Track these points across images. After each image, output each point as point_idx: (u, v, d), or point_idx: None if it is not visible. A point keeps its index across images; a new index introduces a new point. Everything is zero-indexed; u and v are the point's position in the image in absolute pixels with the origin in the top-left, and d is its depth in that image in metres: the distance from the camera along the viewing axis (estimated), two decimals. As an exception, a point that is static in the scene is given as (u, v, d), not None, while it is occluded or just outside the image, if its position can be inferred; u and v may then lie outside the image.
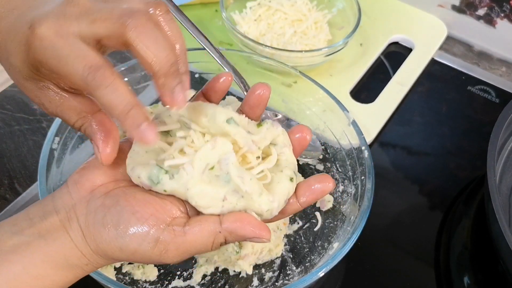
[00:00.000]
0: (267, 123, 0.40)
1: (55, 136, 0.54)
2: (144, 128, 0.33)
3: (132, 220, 0.35)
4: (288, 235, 0.59)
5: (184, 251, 0.36)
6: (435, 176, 0.69)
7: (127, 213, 0.35)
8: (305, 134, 0.41)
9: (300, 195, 0.39)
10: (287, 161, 0.40)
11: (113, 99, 0.33)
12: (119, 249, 0.35)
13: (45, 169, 0.51)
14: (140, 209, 0.36)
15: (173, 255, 0.36)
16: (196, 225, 0.36)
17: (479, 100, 0.78)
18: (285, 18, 0.78)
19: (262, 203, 0.37)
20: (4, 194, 0.63)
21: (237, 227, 0.36)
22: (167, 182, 0.36)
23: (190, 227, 0.36)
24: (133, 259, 0.36)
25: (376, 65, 0.81)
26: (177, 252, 0.36)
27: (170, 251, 0.35)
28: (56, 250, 0.35)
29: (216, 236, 0.36)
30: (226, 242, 0.37)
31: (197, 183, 0.36)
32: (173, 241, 0.35)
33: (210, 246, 0.36)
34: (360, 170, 0.56)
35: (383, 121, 0.73)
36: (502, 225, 0.50)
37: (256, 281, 0.56)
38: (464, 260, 0.62)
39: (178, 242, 0.35)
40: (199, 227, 0.36)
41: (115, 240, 0.35)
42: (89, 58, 0.33)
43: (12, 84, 0.74)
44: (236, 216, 0.36)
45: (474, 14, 0.84)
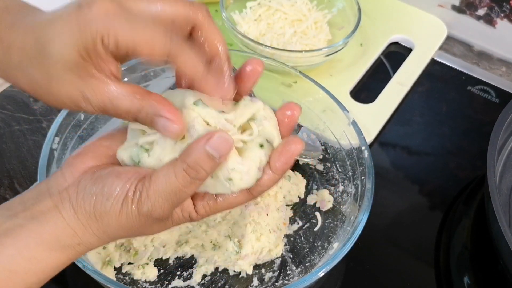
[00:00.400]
0: (245, 100, 0.40)
1: (55, 136, 0.54)
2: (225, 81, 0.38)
3: (110, 179, 0.36)
4: (288, 235, 0.59)
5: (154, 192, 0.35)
6: (435, 176, 0.69)
7: (112, 177, 0.36)
8: (293, 111, 0.40)
9: (273, 161, 0.38)
10: (263, 132, 0.39)
11: (196, 62, 0.36)
12: (107, 213, 0.36)
13: (45, 169, 0.51)
14: (122, 170, 0.37)
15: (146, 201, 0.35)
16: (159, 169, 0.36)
17: (479, 100, 0.78)
18: (285, 18, 0.78)
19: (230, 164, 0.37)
20: (4, 194, 0.63)
21: (188, 148, 0.36)
22: (146, 160, 0.37)
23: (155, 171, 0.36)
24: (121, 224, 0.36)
25: (376, 65, 0.81)
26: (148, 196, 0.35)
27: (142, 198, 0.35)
28: (49, 231, 0.36)
29: (174, 165, 0.35)
30: (191, 169, 0.35)
31: (168, 153, 0.37)
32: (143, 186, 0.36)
33: (173, 177, 0.35)
34: (360, 170, 0.56)
35: (383, 121, 0.73)
36: (502, 225, 0.50)
37: (256, 281, 0.56)
38: (464, 260, 0.62)
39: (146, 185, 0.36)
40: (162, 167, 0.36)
41: (102, 205, 0.36)
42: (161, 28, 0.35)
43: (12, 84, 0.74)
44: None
45: (474, 14, 0.84)
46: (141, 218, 0.36)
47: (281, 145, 0.39)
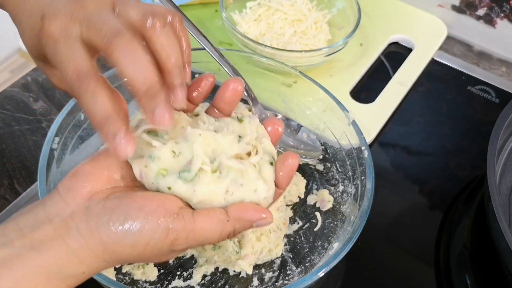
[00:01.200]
0: (247, 118, 0.41)
1: (55, 136, 0.54)
2: (119, 139, 0.34)
3: (141, 214, 0.35)
4: (288, 235, 0.59)
5: (193, 238, 0.36)
6: (435, 176, 0.69)
7: (134, 210, 0.35)
8: (277, 126, 0.43)
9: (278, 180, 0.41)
10: (265, 150, 0.41)
11: (92, 107, 0.34)
12: (131, 246, 0.35)
13: (45, 169, 0.51)
14: (146, 203, 0.36)
15: (183, 243, 0.36)
16: (204, 214, 0.37)
17: (479, 100, 0.78)
18: (285, 18, 0.78)
19: (259, 189, 0.39)
20: (4, 194, 0.63)
21: (242, 212, 0.37)
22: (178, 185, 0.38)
23: (199, 215, 0.36)
24: (143, 254, 0.36)
25: (376, 65, 0.81)
26: (187, 240, 0.36)
27: (180, 239, 0.35)
28: (49, 260, 0.34)
29: (224, 225, 0.37)
30: (234, 232, 0.37)
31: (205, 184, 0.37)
32: (184, 228, 0.35)
33: (218, 234, 0.37)
34: (360, 170, 0.56)
35: (383, 121, 0.73)
36: (502, 225, 0.50)
37: (256, 281, 0.56)
38: (464, 260, 0.62)
39: (188, 229, 0.36)
40: (208, 215, 0.36)
41: (125, 238, 0.35)
42: (79, 62, 0.35)
43: (12, 84, 0.74)
44: (239, 205, 0.38)
45: (474, 14, 0.84)
46: (167, 252, 0.36)
47: (281, 162, 0.41)
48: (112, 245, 0.35)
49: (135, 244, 0.35)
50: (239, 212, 0.37)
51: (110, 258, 0.36)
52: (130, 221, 0.35)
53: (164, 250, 0.36)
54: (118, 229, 0.35)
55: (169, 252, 0.37)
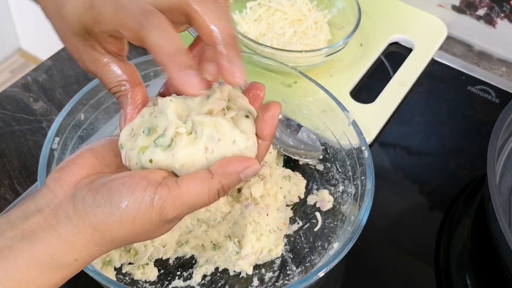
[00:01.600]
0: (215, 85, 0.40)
1: (55, 136, 0.54)
2: (191, 73, 0.34)
3: (123, 189, 0.35)
4: (288, 235, 0.59)
5: (182, 203, 0.35)
6: (435, 176, 0.69)
7: (117, 186, 0.35)
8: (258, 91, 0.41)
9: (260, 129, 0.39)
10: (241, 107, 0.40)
11: (163, 41, 0.34)
12: (119, 222, 0.35)
13: (45, 170, 0.51)
14: (128, 179, 0.36)
15: (171, 209, 0.35)
16: (187, 177, 0.36)
17: (479, 100, 0.78)
18: (285, 18, 0.78)
19: (237, 139, 0.38)
20: (4, 194, 0.63)
21: (225, 166, 0.36)
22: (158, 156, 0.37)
23: (182, 180, 0.36)
24: (134, 230, 0.35)
25: (376, 65, 0.81)
26: (174, 206, 0.35)
27: (168, 206, 0.35)
28: (41, 250, 0.34)
29: (209, 183, 0.36)
30: (223, 189, 0.36)
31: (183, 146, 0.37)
32: (169, 195, 0.35)
33: (206, 194, 0.36)
34: (360, 170, 0.56)
35: (383, 121, 0.73)
36: (502, 225, 0.50)
37: (256, 281, 0.56)
38: (464, 260, 0.62)
39: (174, 195, 0.35)
40: (191, 177, 0.36)
41: (112, 215, 0.35)
42: (145, 5, 0.35)
43: (12, 84, 0.74)
44: (221, 160, 0.37)
45: (474, 14, 0.84)
46: (159, 223, 0.36)
47: (261, 112, 0.39)
48: (101, 225, 0.35)
49: (123, 220, 0.35)
50: (222, 167, 0.36)
51: (102, 240, 0.35)
52: (114, 197, 0.35)
53: (154, 221, 0.35)
54: (103, 207, 0.35)
55: (162, 223, 0.36)
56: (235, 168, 0.36)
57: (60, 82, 0.74)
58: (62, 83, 0.74)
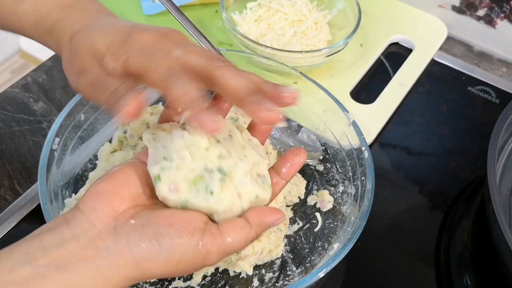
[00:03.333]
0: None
1: (55, 136, 0.54)
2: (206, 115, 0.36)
3: (171, 231, 0.36)
4: (288, 235, 0.59)
5: (223, 250, 0.37)
6: (436, 177, 0.69)
7: (164, 227, 0.36)
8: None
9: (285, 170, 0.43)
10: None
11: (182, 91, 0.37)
12: (164, 263, 0.36)
13: (45, 170, 0.51)
14: (174, 220, 0.37)
15: (215, 256, 0.37)
16: (228, 225, 0.38)
17: (479, 100, 0.78)
18: (285, 19, 0.78)
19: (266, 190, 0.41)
20: (4, 195, 0.63)
21: (262, 217, 0.39)
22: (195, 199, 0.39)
23: (224, 227, 0.38)
24: (176, 270, 0.37)
25: (376, 65, 0.81)
26: (218, 252, 0.37)
27: (212, 253, 0.37)
28: (76, 281, 0.34)
29: (248, 232, 0.38)
30: (256, 236, 0.39)
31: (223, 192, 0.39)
32: (214, 242, 0.37)
33: (244, 242, 0.38)
34: (360, 170, 0.56)
35: (383, 122, 0.73)
36: (502, 225, 0.50)
37: (256, 281, 0.56)
38: (465, 260, 0.62)
39: (218, 242, 0.37)
40: (232, 226, 0.38)
41: (159, 255, 0.35)
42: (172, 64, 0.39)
43: (12, 85, 0.74)
44: (255, 210, 0.39)
45: (474, 14, 0.84)
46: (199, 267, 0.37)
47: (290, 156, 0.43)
48: (145, 263, 0.35)
49: (169, 261, 0.36)
50: (259, 218, 0.39)
51: (139, 276, 0.36)
52: (162, 238, 0.35)
53: (197, 265, 0.37)
54: (150, 246, 0.35)
55: (202, 266, 0.38)
56: (269, 220, 0.39)
57: (60, 83, 0.74)
58: (62, 83, 0.74)
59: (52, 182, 0.52)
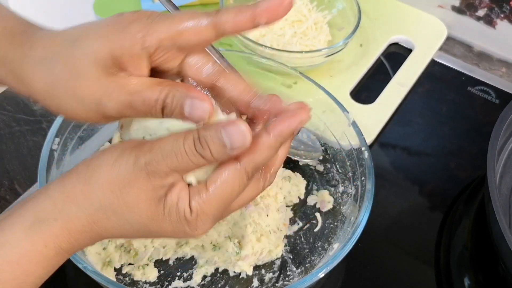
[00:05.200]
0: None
1: (55, 137, 0.54)
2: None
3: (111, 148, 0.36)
4: (288, 236, 0.59)
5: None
6: (435, 177, 0.69)
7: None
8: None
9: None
10: None
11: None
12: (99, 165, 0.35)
13: (45, 170, 0.51)
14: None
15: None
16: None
17: (479, 100, 0.78)
18: (285, 19, 0.78)
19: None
20: (4, 195, 0.63)
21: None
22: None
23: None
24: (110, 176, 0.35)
25: (376, 65, 0.81)
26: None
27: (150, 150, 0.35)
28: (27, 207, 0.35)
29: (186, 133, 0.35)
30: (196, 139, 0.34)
31: None
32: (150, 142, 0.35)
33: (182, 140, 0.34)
34: (360, 170, 0.56)
35: (383, 122, 0.73)
36: (502, 225, 0.50)
37: (256, 282, 0.56)
38: (464, 261, 0.62)
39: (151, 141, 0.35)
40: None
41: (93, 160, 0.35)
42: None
43: (12, 85, 0.74)
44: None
45: (474, 15, 0.84)
46: (135, 170, 0.34)
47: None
48: (83, 174, 0.35)
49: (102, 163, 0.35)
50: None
51: (81, 193, 0.34)
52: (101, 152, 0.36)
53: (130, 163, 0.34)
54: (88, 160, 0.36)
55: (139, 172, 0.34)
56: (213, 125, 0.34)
57: (60, 83, 0.74)
58: (62, 83, 0.74)
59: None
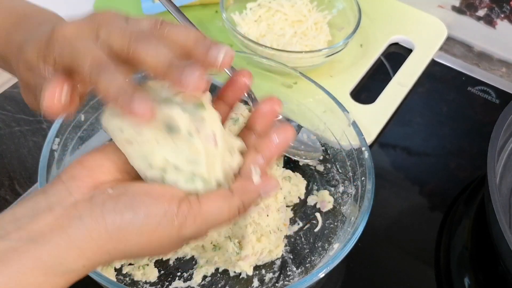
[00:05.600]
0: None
1: (55, 137, 0.54)
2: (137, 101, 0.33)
3: (147, 199, 0.34)
4: (288, 236, 0.59)
5: (201, 221, 0.35)
6: (436, 177, 0.69)
7: (140, 196, 0.34)
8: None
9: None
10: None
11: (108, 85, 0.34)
12: (137, 232, 0.34)
13: (45, 170, 0.51)
14: (153, 190, 0.35)
15: (191, 226, 0.35)
16: (209, 195, 0.36)
17: (479, 100, 0.78)
18: (285, 19, 0.78)
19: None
20: (4, 195, 0.63)
21: (245, 184, 0.37)
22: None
23: (204, 197, 0.36)
24: (151, 243, 0.35)
25: (376, 65, 0.81)
26: (195, 223, 0.35)
27: (188, 222, 0.35)
28: (48, 253, 0.32)
29: (230, 200, 0.36)
30: (243, 206, 0.37)
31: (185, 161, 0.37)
32: (191, 210, 0.35)
33: (226, 212, 0.36)
34: (360, 171, 0.56)
35: (383, 122, 0.73)
36: (502, 225, 0.50)
37: (257, 282, 0.56)
38: (464, 261, 0.62)
39: (195, 211, 0.35)
40: (212, 195, 0.36)
41: (132, 224, 0.33)
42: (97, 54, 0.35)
43: (12, 85, 0.74)
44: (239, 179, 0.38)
45: (474, 15, 0.84)
46: (176, 240, 0.35)
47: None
48: (118, 232, 0.33)
49: (143, 230, 0.34)
50: (242, 185, 0.37)
51: (114, 249, 0.34)
52: (137, 205, 0.34)
53: (172, 237, 0.35)
54: (124, 214, 0.33)
55: (178, 240, 0.35)
56: (256, 187, 0.37)
57: (60, 83, 0.74)
58: (62, 84, 0.74)
59: (52, 182, 0.52)
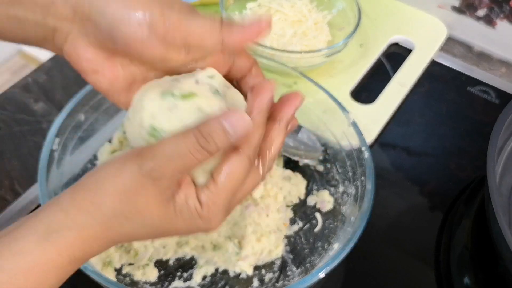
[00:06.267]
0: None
1: (55, 137, 0.54)
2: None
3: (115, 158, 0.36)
4: (288, 236, 0.59)
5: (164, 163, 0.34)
6: (436, 177, 0.69)
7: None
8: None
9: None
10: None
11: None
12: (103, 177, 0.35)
13: (45, 170, 0.51)
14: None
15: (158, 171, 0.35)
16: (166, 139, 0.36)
17: (479, 100, 0.78)
18: (285, 19, 0.78)
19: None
20: (5, 195, 0.63)
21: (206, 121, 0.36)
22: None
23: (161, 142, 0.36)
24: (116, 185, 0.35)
25: (376, 65, 0.81)
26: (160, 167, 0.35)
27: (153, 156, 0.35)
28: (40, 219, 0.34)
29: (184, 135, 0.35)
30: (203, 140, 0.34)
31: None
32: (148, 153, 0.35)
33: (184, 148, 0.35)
34: (360, 171, 0.56)
35: (383, 122, 0.73)
36: (502, 226, 0.50)
37: (256, 282, 0.56)
38: (465, 261, 0.62)
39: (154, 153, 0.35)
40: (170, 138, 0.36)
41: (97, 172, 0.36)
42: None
43: (12, 85, 0.74)
44: None
45: (474, 15, 0.84)
46: (140, 178, 0.34)
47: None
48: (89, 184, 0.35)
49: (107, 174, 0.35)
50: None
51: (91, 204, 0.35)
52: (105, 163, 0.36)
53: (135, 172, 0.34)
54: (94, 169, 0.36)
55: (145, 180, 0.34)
56: (213, 118, 0.35)
57: (61, 83, 0.74)
58: (63, 84, 0.74)
59: (52, 182, 0.52)
